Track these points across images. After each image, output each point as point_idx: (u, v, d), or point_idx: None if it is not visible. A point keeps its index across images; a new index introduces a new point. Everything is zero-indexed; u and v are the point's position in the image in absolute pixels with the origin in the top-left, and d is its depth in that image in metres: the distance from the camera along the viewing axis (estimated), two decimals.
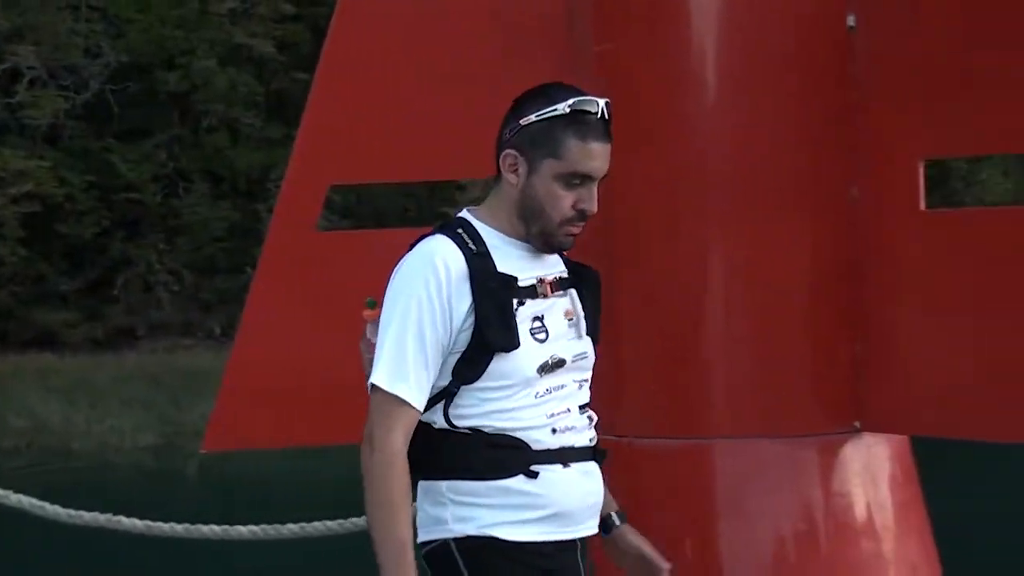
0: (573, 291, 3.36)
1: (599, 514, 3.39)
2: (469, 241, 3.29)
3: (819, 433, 4.23)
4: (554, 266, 3.37)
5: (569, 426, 3.28)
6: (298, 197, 4.37)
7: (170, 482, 20.47)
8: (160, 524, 6.11)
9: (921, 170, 4.19)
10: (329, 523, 5.90)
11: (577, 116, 3.24)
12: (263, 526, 5.99)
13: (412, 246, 3.32)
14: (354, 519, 5.86)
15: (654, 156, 4.26)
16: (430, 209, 30.38)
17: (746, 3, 4.30)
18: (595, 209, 3.28)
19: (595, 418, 3.37)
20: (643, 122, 4.24)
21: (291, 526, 5.96)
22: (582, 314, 3.35)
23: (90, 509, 6.15)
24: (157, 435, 25.26)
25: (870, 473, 4.23)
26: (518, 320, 3.24)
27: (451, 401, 3.27)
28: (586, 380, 3.37)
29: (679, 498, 4.24)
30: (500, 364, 3.23)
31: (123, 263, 35.17)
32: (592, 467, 3.32)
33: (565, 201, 3.26)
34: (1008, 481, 15.24)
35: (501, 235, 3.31)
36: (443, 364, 3.25)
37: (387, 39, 4.41)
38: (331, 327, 4.39)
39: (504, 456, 3.24)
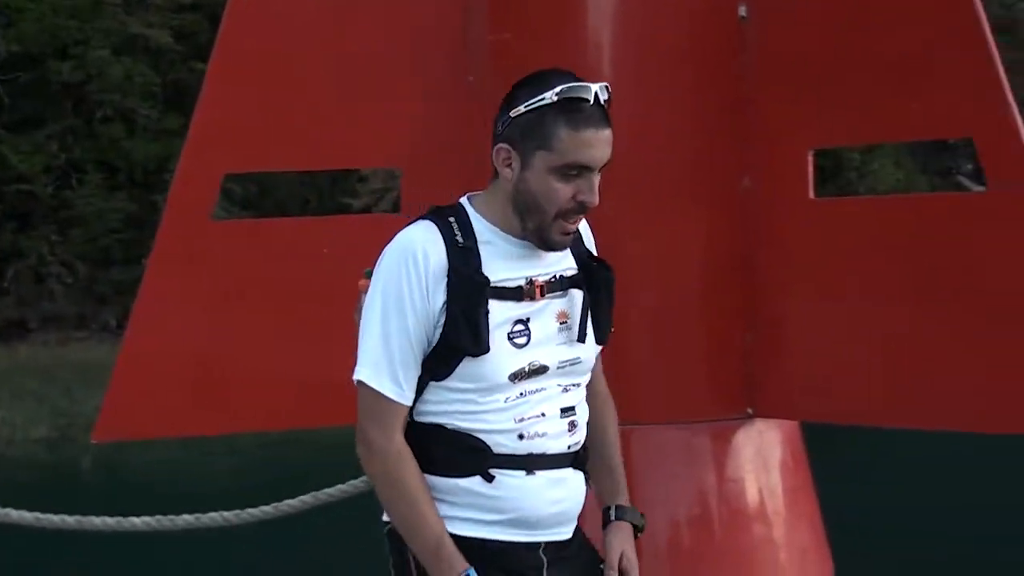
0: (576, 292, 3.20)
1: (575, 520, 3.25)
2: (458, 233, 3.13)
3: (713, 419, 4.25)
4: (554, 264, 3.19)
5: (540, 432, 3.13)
6: (192, 186, 4.31)
7: (64, 475, 20.26)
8: (51, 516, 6.02)
9: (810, 159, 4.22)
10: (225, 514, 5.81)
11: (567, 104, 3.05)
12: (157, 517, 5.91)
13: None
14: (250, 510, 5.84)
15: None
16: (331, 200, 30.32)
17: None
18: (596, 201, 3.09)
19: (579, 423, 3.21)
20: None
21: (186, 517, 5.88)
22: (579, 317, 3.18)
23: None
24: (50, 427, 24.99)
25: (762, 458, 4.25)
26: (494, 323, 3.09)
27: (419, 396, 3.15)
28: (576, 384, 3.21)
29: None
30: (469, 366, 3.10)
31: (13, 255, 34.76)
32: (565, 474, 3.18)
33: (562, 194, 3.06)
34: (897, 467, 15.41)
35: (495, 229, 3.15)
36: None
37: (283, 26, 4.36)
38: (225, 317, 4.39)
39: (462, 456, 3.15)
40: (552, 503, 3.15)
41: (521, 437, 3.11)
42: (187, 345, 4.29)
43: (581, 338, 3.16)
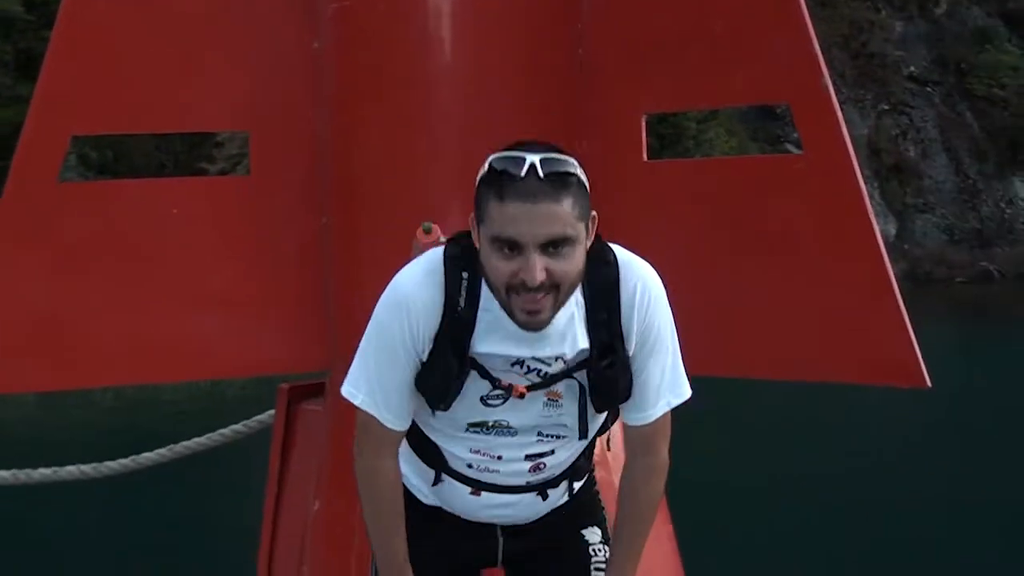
0: (579, 377, 2.95)
1: (519, 518, 3.15)
2: (462, 296, 2.91)
3: None
4: (553, 346, 2.91)
5: (491, 469, 3.01)
6: (38, 148, 4.13)
7: None
8: None
9: (643, 124, 4.14)
10: (83, 467, 5.72)
11: (496, 176, 2.74)
12: (14, 471, 5.80)
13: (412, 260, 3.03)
14: (108, 463, 5.75)
15: (390, 112, 4.10)
16: (188, 165, 29.98)
17: None
18: (535, 280, 2.70)
19: (550, 464, 3.05)
20: (379, 79, 4.10)
21: (43, 470, 5.77)
22: (575, 404, 2.97)
23: None
24: None
25: None
26: (471, 386, 2.94)
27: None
28: (559, 436, 3.02)
29: None
30: (431, 407, 2.99)
31: None
32: (517, 498, 3.08)
33: (502, 270, 2.74)
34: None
35: (495, 301, 2.87)
36: None
37: None
38: (73, 278, 4.23)
39: (423, 450, 3.09)
40: (496, 516, 3.11)
41: (470, 466, 3.03)
42: (33, 304, 4.14)
43: (582, 431, 3.01)
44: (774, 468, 13.38)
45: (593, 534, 3.20)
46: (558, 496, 3.16)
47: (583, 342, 2.92)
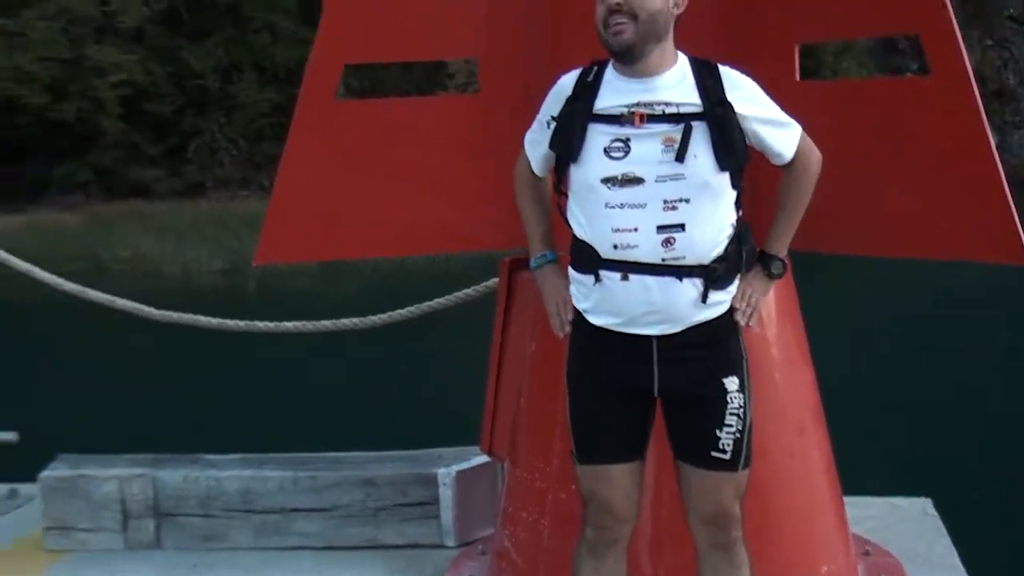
0: (696, 123, 2.95)
1: (667, 319, 3.02)
2: (590, 73, 3.08)
3: None
4: (661, 93, 2.98)
5: (631, 244, 2.97)
6: (321, 74, 4.26)
7: (235, 295, 20.55)
8: (226, 321, 6.15)
9: (796, 52, 4.04)
10: (353, 319, 5.90)
11: None
12: (304, 322, 6.07)
13: None
14: (371, 317, 5.93)
15: (592, 38, 4.12)
16: (427, 91, 30.16)
17: None
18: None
19: (680, 241, 2.96)
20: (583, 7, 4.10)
21: (324, 322, 6.02)
22: (686, 143, 2.93)
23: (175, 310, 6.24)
24: (225, 262, 25.39)
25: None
26: (591, 136, 3.00)
27: (563, 205, 3.16)
28: (684, 200, 2.94)
29: None
30: (573, 172, 3.05)
31: (194, 133, 35.17)
32: (655, 280, 2.98)
33: (599, 12, 2.97)
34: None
35: (616, 71, 3.03)
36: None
37: None
38: (347, 172, 4.36)
39: (583, 258, 3.08)
40: (641, 303, 3.00)
41: (615, 247, 2.99)
42: (319, 192, 4.28)
43: (679, 158, 2.92)
44: None
45: (732, 383, 3.12)
46: (688, 296, 3.01)
47: (693, 97, 2.99)
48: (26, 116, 33.74)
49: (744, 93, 3.06)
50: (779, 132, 3.12)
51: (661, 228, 2.95)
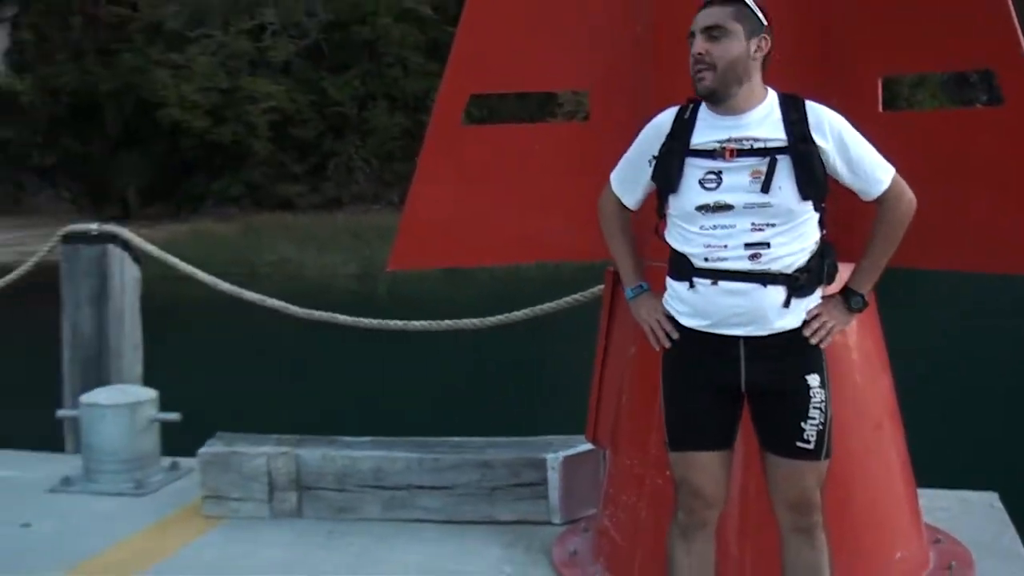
0: (780, 157, 2.94)
1: (753, 321, 3.00)
2: (686, 111, 3.09)
3: None
4: (751, 130, 2.99)
5: (721, 257, 2.98)
6: (449, 102, 4.31)
7: (367, 297, 20.77)
8: (360, 319, 6.25)
9: (879, 84, 3.95)
10: (472, 320, 5.98)
11: None
12: (429, 321, 6.15)
13: None
14: (488, 318, 6.01)
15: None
16: (538, 119, 30.22)
17: None
18: (696, 50, 2.98)
19: (765, 256, 2.94)
20: (682, 45, 4.05)
21: (448, 322, 6.10)
22: (771, 175, 2.93)
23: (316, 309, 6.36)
24: (358, 267, 25.68)
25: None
26: (687, 170, 3.03)
27: (662, 228, 3.18)
28: (770, 224, 2.94)
29: None
30: (672, 201, 3.07)
31: (333, 154, 35.64)
32: (744, 287, 2.98)
33: (690, 61, 3.03)
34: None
35: (709, 110, 3.05)
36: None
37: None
38: (470, 187, 4.39)
39: (679, 266, 3.10)
40: (729, 306, 3.00)
41: (706, 259, 3.01)
42: (445, 207, 4.32)
43: (765, 189, 2.92)
44: None
45: (814, 379, 3.06)
46: (775, 300, 3.00)
47: (779, 132, 2.97)
48: (189, 138, 34.61)
49: (827, 129, 3.01)
50: (862, 171, 3.06)
51: (748, 245, 2.96)
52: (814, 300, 3.06)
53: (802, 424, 3.06)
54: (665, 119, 3.16)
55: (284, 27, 35.20)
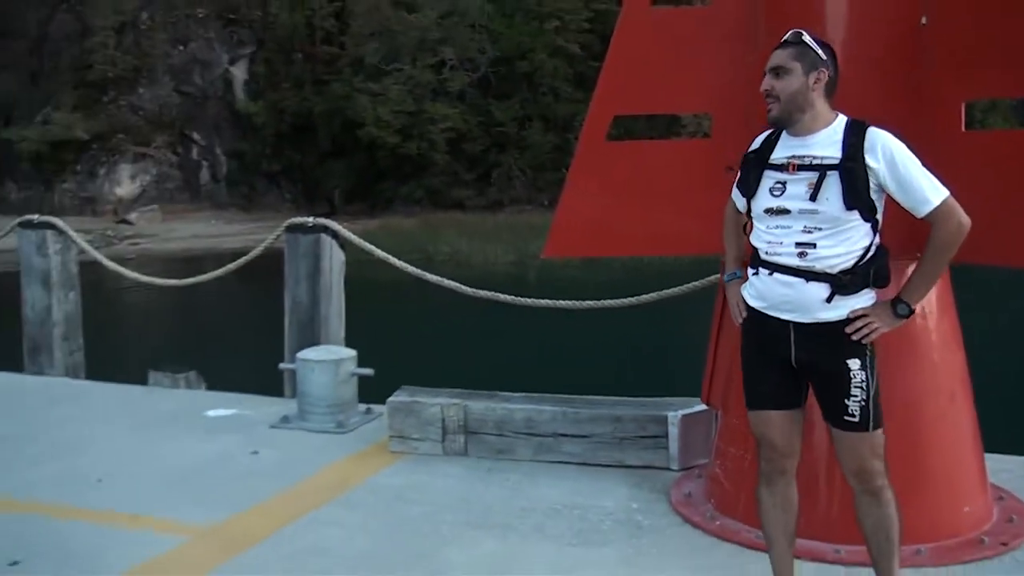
0: (830, 172, 2.87)
1: (798, 309, 2.93)
2: (773, 133, 3.06)
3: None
4: (811, 150, 2.92)
5: (776, 252, 2.95)
6: (596, 123, 4.29)
7: (520, 280, 20.88)
8: (517, 298, 6.30)
9: (963, 108, 3.78)
10: (607, 301, 5.93)
11: None
12: (573, 301, 6.11)
13: None
14: (621, 299, 5.95)
15: None
16: (665, 136, 29.91)
17: None
18: (763, 87, 2.97)
19: (811, 255, 2.88)
20: None
21: (589, 302, 6.08)
22: (819, 187, 2.86)
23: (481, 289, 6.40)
24: (514, 256, 25.82)
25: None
26: (764, 180, 3.01)
27: (749, 226, 3.14)
28: (818, 228, 2.87)
29: None
30: (752, 204, 3.05)
31: (496, 165, 35.88)
32: (792, 280, 2.92)
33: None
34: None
35: (787, 133, 3.00)
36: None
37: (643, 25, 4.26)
38: (612, 191, 4.36)
39: (753, 257, 3.07)
40: (780, 294, 2.96)
41: (767, 253, 2.99)
42: (590, 207, 4.30)
43: (813, 198, 2.87)
44: None
45: (854, 363, 2.92)
46: (818, 295, 2.91)
47: (835, 151, 2.89)
48: (383, 151, 35.37)
49: (880, 150, 2.85)
50: (911, 190, 2.85)
51: (798, 244, 2.91)
52: (863, 299, 2.93)
53: (846, 401, 2.94)
54: (758, 140, 3.13)
55: (460, 62, 35.65)
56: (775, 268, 2.96)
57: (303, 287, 6.51)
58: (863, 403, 2.94)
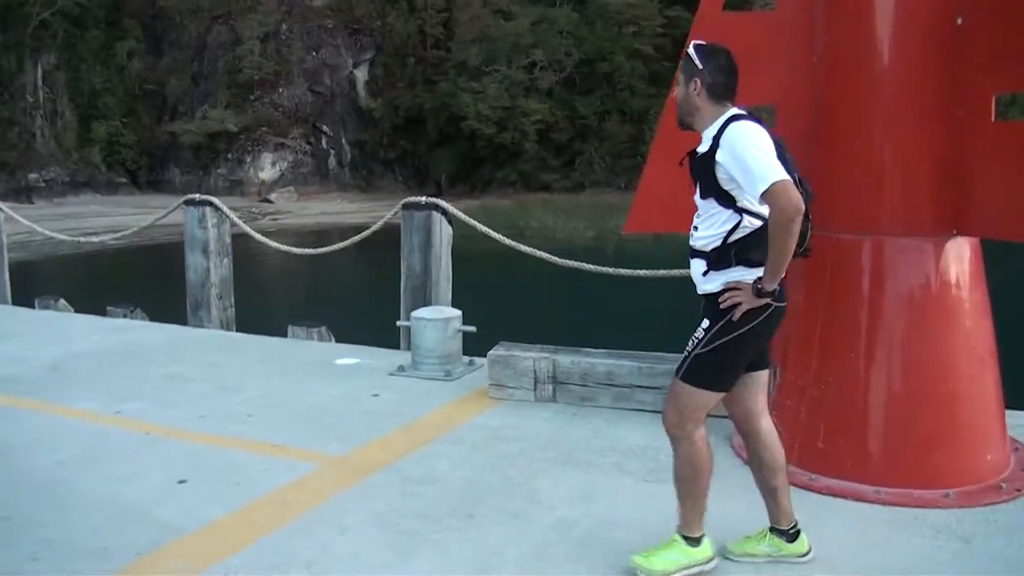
0: (698, 166, 2.80)
1: (697, 285, 2.86)
2: None
3: (932, 235, 3.76)
4: (699, 145, 2.81)
5: (691, 233, 2.88)
6: (672, 112, 4.14)
7: (599, 252, 20.75)
8: (599, 267, 6.27)
9: (993, 100, 3.54)
10: (677, 271, 5.77)
11: None
12: (648, 270, 6.07)
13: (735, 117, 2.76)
14: (673, 270, 5.81)
15: (849, 85, 3.77)
16: None
17: None
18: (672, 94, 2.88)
19: (694, 234, 2.83)
20: (851, 71, 3.75)
21: (662, 271, 6.00)
22: (694, 178, 2.84)
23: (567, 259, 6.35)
24: (595, 232, 25.66)
25: (958, 258, 3.71)
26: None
27: None
28: (698, 214, 2.84)
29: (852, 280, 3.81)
30: None
31: (579, 153, 35.63)
32: (693, 261, 2.85)
33: None
34: None
35: None
36: None
37: (718, 22, 4.12)
38: (684, 174, 4.25)
39: None
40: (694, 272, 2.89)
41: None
42: (665, 188, 4.14)
43: (692, 187, 2.85)
44: None
45: (705, 322, 2.80)
46: (699, 269, 2.83)
47: (706, 148, 2.76)
48: (482, 141, 35.49)
49: (724, 144, 2.68)
50: (746, 175, 2.62)
51: (693, 227, 2.86)
52: (736, 275, 2.77)
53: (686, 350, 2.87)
54: None
55: (549, 64, 35.41)
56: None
57: (416, 256, 6.57)
58: (687, 353, 2.84)
